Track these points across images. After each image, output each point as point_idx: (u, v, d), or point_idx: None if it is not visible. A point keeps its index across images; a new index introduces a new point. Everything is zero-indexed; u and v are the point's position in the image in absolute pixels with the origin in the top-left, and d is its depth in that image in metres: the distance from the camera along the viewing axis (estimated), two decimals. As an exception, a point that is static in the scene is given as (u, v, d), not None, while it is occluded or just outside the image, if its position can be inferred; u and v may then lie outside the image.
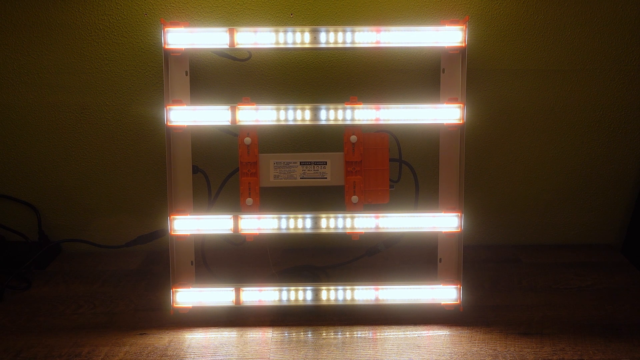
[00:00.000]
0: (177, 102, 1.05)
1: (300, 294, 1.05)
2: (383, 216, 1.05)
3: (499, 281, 1.18)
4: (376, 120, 1.03)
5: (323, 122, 1.03)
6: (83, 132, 1.25)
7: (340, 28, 1.01)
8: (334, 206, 1.12)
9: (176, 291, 1.06)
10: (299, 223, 1.05)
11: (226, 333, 1.01)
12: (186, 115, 1.04)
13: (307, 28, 1.02)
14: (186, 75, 1.06)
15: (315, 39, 1.02)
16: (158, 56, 1.19)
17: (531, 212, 1.34)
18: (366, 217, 1.05)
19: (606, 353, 0.95)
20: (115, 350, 0.96)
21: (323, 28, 1.01)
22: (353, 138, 1.04)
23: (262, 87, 1.22)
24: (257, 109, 1.03)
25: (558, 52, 1.21)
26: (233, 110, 1.03)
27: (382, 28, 1.01)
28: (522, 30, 1.20)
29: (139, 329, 1.02)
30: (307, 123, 1.04)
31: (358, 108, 1.03)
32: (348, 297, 1.05)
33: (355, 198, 1.05)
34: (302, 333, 1.01)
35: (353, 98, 1.04)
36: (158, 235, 1.21)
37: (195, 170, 1.08)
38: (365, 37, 1.02)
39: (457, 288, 1.06)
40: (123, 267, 1.24)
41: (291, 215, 1.05)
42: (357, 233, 1.05)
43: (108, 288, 1.16)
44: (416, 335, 1.00)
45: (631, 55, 1.22)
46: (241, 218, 1.05)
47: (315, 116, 1.03)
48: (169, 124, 1.04)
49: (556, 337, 0.99)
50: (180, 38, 1.03)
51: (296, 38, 1.02)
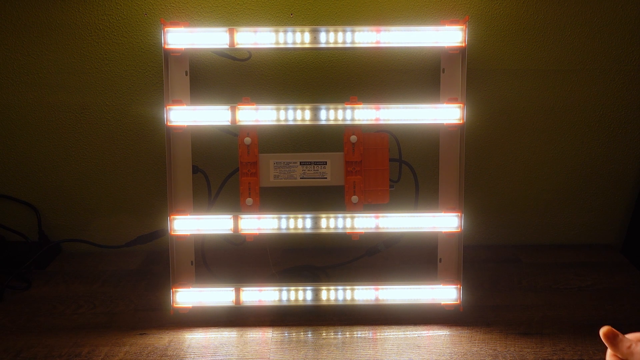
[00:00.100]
0: (177, 102, 1.05)
1: (300, 294, 1.05)
2: (383, 216, 1.05)
3: (499, 281, 1.18)
4: (376, 120, 1.03)
5: (323, 122, 1.03)
6: (83, 132, 1.25)
7: (340, 28, 1.01)
8: (334, 206, 1.12)
9: (176, 291, 1.06)
10: (299, 223, 1.05)
11: (226, 333, 1.01)
12: (186, 115, 1.04)
13: (307, 28, 1.01)
14: (186, 75, 1.06)
15: (315, 39, 1.02)
16: (158, 56, 1.19)
17: (531, 212, 1.34)
18: (366, 217, 1.05)
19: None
20: (115, 350, 0.96)
21: (323, 28, 1.01)
22: (353, 138, 1.04)
23: (262, 87, 1.22)
24: (257, 109, 1.03)
25: (558, 52, 1.21)
26: (233, 110, 1.03)
27: (382, 28, 1.01)
28: (522, 30, 1.20)
29: (139, 329, 1.02)
30: (307, 123, 1.04)
31: (358, 108, 1.03)
32: (348, 297, 1.05)
33: (355, 198, 1.05)
34: (302, 333, 1.01)
35: (353, 98, 1.04)
36: (158, 235, 1.21)
37: (195, 170, 1.08)
38: (365, 37, 1.01)
39: (457, 288, 1.06)
40: (123, 267, 1.24)
41: (291, 215, 1.05)
42: (357, 233, 1.05)
43: (108, 288, 1.16)
44: (416, 335, 1.00)
45: (631, 55, 1.22)
46: (241, 218, 1.05)
47: (315, 116, 1.03)
48: (169, 124, 1.04)
49: (556, 337, 0.99)
50: (180, 38, 1.03)
51: (296, 38, 1.02)
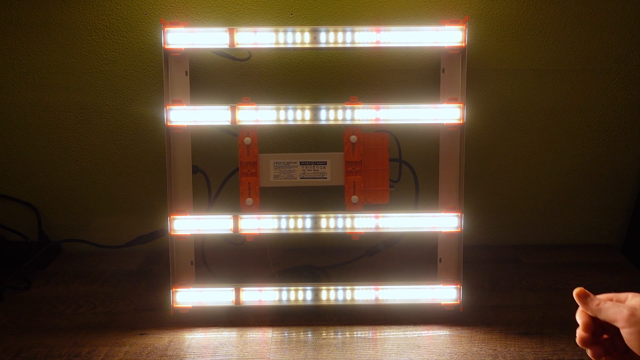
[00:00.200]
0: (177, 102, 1.05)
1: (300, 294, 1.05)
2: (383, 216, 1.05)
3: (499, 281, 1.18)
4: (376, 120, 1.03)
5: (323, 122, 1.03)
6: (83, 132, 1.25)
7: (340, 28, 1.01)
8: (334, 206, 1.12)
9: (176, 291, 1.06)
10: (299, 223, 1.05)
11: (226, 333, 1.01)
12: (186, 115, 1.04)
13: (307, 28, 1.01)
14: (186, 75, 1.06)
15: (315, 39, 1.02)
16: (158, 56, 1.19)
17: (531, 212, 1.34)
18: (366, 217, 1.05)
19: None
20: (115, 350, 0.96)
21: (323, 28, 1.01)
22: (353, 138, 1.04)
23: (262, 87, 1.22)
24: (257, 109, 1.03)
25: (558, 52, 1.21)
26: (233, 110, 1.03)
27: (382, 28, 1.01)
28: (522, 30, 1.20)
29: (139, 329, 1.02)
30: (307, 123, 1.04)
31: (358, 108, 1.03)
32: (348, 297, 1.05)
33: (355, 198, 1.05)
34: (302, 333, 1.01)
35: (353, 98, 1.04)
36: (158, 235, 1.21)
37: (195, 170, 1.08)
38: (365, 37, 1.01)
39: (457, 288, 1.06)
40: (123, 267, 1.24)
41: (291, 215, 1.05)
42: (357, 233, 1.05)
43: (108, 288, 1.16)
44: (416, 335, 1.00)
45: (631, 55, 1.22)
46: (241, 218, 1.05)
47: (315, 116, 1.03)
48: (169, 124, 1.04)
49: (556, 337, 0.99)
50: (180, 38, 1.03)
51: (296, 38, 1.02)
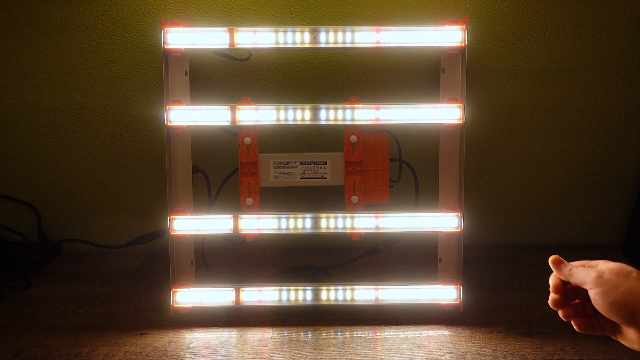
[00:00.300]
0: (177, 102, 1.05)
1: (300, 294, 1.05)
2: (383, 216, 1.05)
3: (499, 281, 1.18)
4: (376, 120, 1.03)
5: (323, 122, 1.03)
6: (83, 132, 1.25)
7: (340, 28, 1.01)
8: (334, 206, 1.12)
9: (176, 291, 1.06)
10: (299, 223, 1.05)
11: (226, 333, 1.01)
12: (186, 115, 1.04)
13: (307, 28, 1.01)
14: (186, 75, 1.06)
15: (315, 39, 1.02)
16: (158, 56, 1.19)
17: (531, 212, 1.34)
18: (366, 217, 1.05)
19: (606, 353, 0.95)
20: (115, 350, 0.96)
21: (323, 28, 1.01)
22: (353, 138, 1.04)
23: (262, 87, 1.22)
24: (257, 109, 1.03)
25: (558, 52, 1.21)
26: (233, 110, 1.03)
27: (382, 28, 1.01)
28: (522, 30, 1.20)
29: (139, 329, 1.02)
30: (307, 123, 1.04)
31: (358, 108, 1.03)
32: (348, 297, 1.05)
33: (355, 198, 1.05)
34: (302, 333, 1.01)
35: (353, 98, 1.04)
36: (158, 235, 1.21)
37: (195, 170, 1.08)
38: (365, 37, 1.02)
39: (457, 288, 1.06)
40: (123, 267, 1.24)
41: (291, 215, 1.05)
42: (357, 233, 1.05)
43: (108, 288, 1.16)
44: (416, 335, 1.00)
45: (631, 55, 1.22)
46: (241, 218, 1.05)
47: (315, 116, 1.03)
48: (169, 124, 1.04)
49: (556, 337, 0.99)
50: (180, 38, 1.03)
51: (296, 38, 1.02)
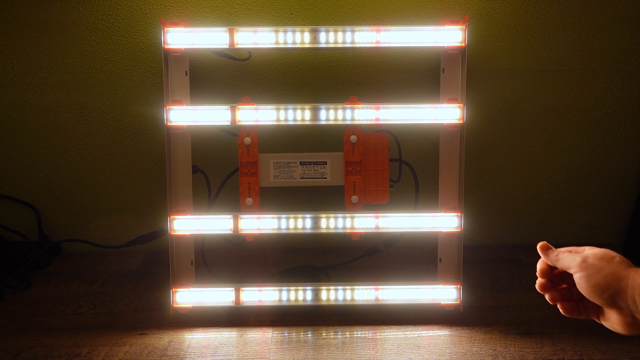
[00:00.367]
0: (177, 102, 1.05)
1: (300, 294, 1.05)
2: (383, 216, 1.05)
3: (499, 281, 1.18)
4: (376, 120, 1.03)
5: (323, 122, 1.03)
6: (83, 132, 1.25)
7: (340, 28, 1.01)
8: (334, 206, 1.12)
9: (176, 291, 1.06)
10: (299, 223, 1.05)
11: (226, 333, 1.01)
12: (186, 115, 1.04)
13: (307, 28, 1.01)
14: (186, 75, 1.06)
15: (315, 39, 1.02)
16: (158, 56, 1.19)
17: (531, 212, 1.33)
18: (366, 217, 1.05)
19: (606, 353, 0.95)
20: (115, 350, 0.96)
21: (323, 28, 1.01)
22: (353, 138, 1.04)
23: (262, 87, 1.22)
24: (257, 109, 1.03)
25: (558, 52, 1.21)
26: (233, 110, 1.03)
27: (382, 28, 1.01)
28: (522, 30, 1.20)
29: (139, 329, 1.02)
30: (307, 123, 1.04)
31: (358, 108, 1.03)
32: (348, 297, 1.05)
33: (355, 198, 1.05)
34: (302, 333, 1.01)
35: (353, 98, 1.04)
36: (158, 235, 1.21)
37: (195, 170, 1.08)
38: (365, 37, 1.01)
39: (457, 288, 1.06)
40: (123, 267, 1.24)
41: (291, 215, 1.05)
42: (357, 233, 1.05)
43: (108, 288, 1.16)
44: (416, 335, 1.00)
45: (631, 55, 1.22)
46: (241, 218, 1.05)
47: (315, 116, 1.03)
48: (169, 124, 1.04)
49: (556, 337, 0.99)
50: (180, 38, 1.03)
51: (296, 38, 1.02)
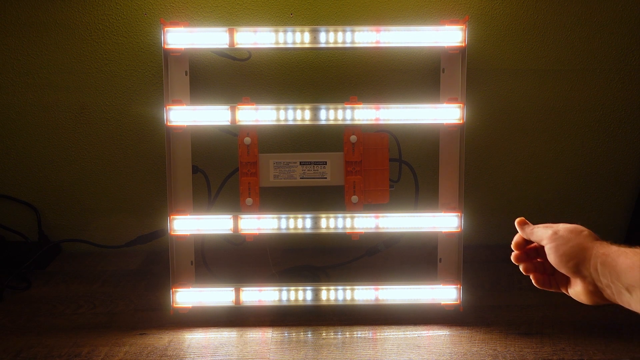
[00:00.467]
0: (177, 102, 1.05)
1: (300, 294, 1.05)
2: (383, 216, 1.05)
3: (499, 281, 1.18)
4: (376, 120, 1.03)
5: (323, 122, 1.03)
6: (83, 132, 1.25)
7: (340, 28, 1.01)
8: (334, 206, 1.12)
9: (176, 291, 1.06)
10: (299, 223, 1.05)
11: (226, 333, 1.01)
12: (186, 115, 1.04)
13: (307, 28, 1.01)
14: (186, 75, 1.06)
15: (315, 39, 1.02)
16: (158, 56, 1.19)
17: (531, 212, 1.33)
18: (366, 217, 1.05)
19: (606, 353, 0.95)
20: (115, 350, 0.96)
21: (323, 28, 1.01)
22: (353, 138, 1.04)
23: (262, 87, 1.22)
24: (257, 109, 1.03)
25: (558, 52, 1.21)
26: (233, 110, 1.03)
27: (382, 28, 1.01)
28: (522, 30, 1.20)
29: (139, 329, 1.02)
30: (307, 123, 1.04)
31: (358, 108, 1.03)
32: (348, 297, 1.05)
33: (355, 198, 1.05)
34: (302, 333, 1.01)
35: (353, 98, 1.04)
36: (158, 235, 1.21)
37: (195, 170, 1.08)
38: (365, 37, 1.01)
39: (457, 288, 1.06)
40: (123, 267, 1.24)
41: (291, 215, 1.05)
42: (357, 233, 1.05)
43: (108, 288, 1.16)
44: (416, 335, 1.00)
45: (631, 55, 1.22)
46: (241, 218, 1.05)
47: (315, 116, 1.03)
48: (169, 124, 1.04)
49: (556, 337, 0.99)
50: (180, 38, 1.03)
51: (296, 38, 1.02)
